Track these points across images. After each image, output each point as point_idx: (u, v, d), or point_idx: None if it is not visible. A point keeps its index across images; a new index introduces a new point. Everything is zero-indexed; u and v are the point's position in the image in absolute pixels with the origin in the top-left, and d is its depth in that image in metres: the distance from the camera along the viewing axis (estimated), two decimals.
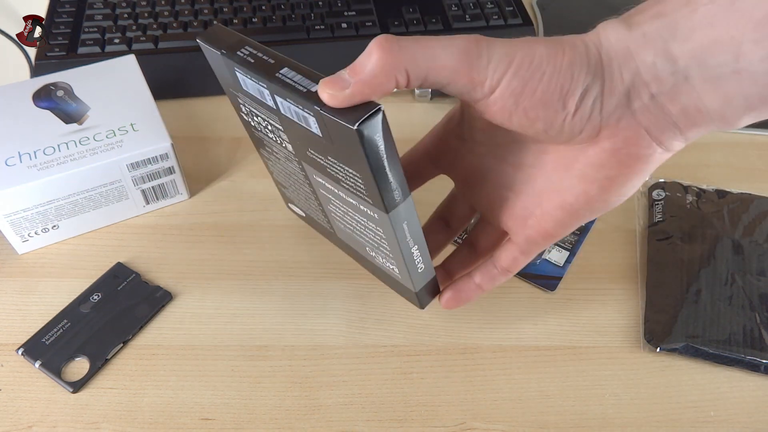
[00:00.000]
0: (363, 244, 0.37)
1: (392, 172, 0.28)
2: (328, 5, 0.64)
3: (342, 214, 0.35)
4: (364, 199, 0.30)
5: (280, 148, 0.35)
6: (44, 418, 0.38)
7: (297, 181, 0.38)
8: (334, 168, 0.30)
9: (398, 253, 0.33)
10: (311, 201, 0.39)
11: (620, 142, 0.28)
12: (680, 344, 0.41)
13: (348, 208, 0.34)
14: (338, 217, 0.37)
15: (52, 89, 0.49)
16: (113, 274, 0.45)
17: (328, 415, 0.39)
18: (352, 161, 0.28)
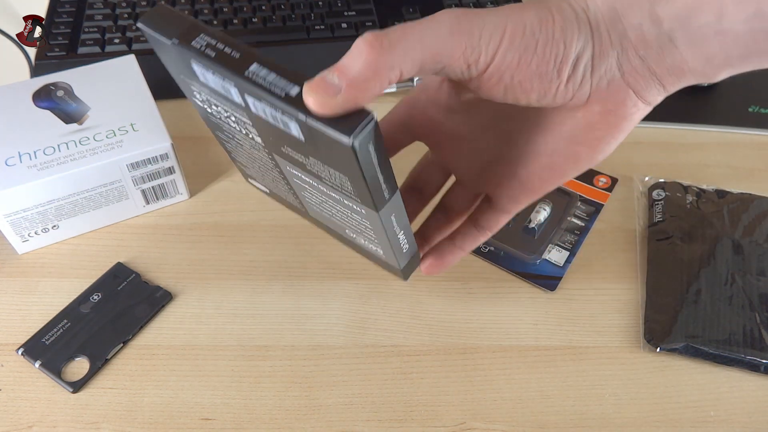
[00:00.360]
0: (342, 227, 0.36)
1: (383, 175, 0.27)
2: (328, 5, 0.64)
3: (319, 202, 0.34)
4: (351, 197, 0.29)
5: (245, 138, 0.32)
6: (44, 418, 0.38)
7: (263, 166, 0.35)
8: (316, 167, 0.28)
9: (385, 241, 0.33)
10: (279, 183, 0.36)
11: (610, 104, 0.29)
12: (680, 344, 0.41)
13: (328, 199, 0.32)
14: (314, 203, 0.35)
15: (52, 89, 0.49)
16: (113, 274, 0.45)
17: (328, 415, 0.39)
18: (340, 167, 0.26)
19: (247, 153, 0.35)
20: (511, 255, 0.46)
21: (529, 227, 0.48)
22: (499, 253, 0.47)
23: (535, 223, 0.48)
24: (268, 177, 0.37)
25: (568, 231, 0.48)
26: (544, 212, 0.49)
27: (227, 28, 0.61)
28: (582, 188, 0.51)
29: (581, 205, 0.50)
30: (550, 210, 0.49)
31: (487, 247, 0.47)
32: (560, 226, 0.48)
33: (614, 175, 0.52)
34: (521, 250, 0.47)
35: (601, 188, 0.51)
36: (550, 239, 0.47)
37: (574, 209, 0.49)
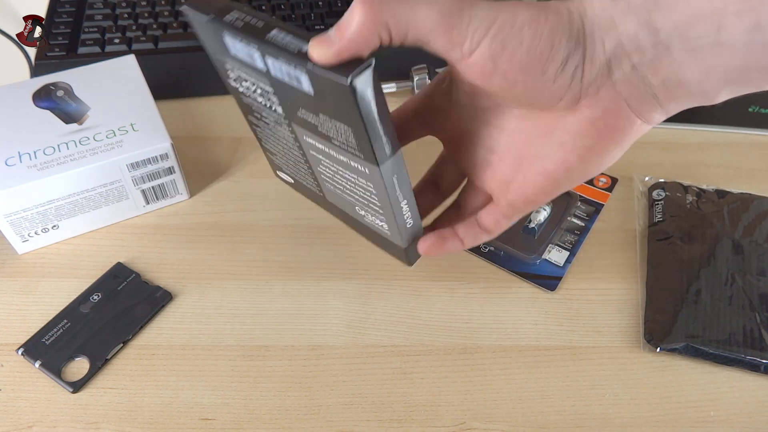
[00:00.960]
0: (352, 203, 0.37)
1: (383, 126, 0.28)
2: (328, 5, 0.64)
3: (332, 174, 0.35)
4: (355, 154, 0.31)
5: (270, 112, 0.35)
6: (44, 418, 0.38)
7: (286, 145, 0.37)
8: (325, 126, 0.31)
9: (388, 208, 0.33)
10: (300, 165, 0.38)
11: (599, 111, 0.29)
12: (680, 344, 0.41)
13: (338, 166, 0.34)
14: (327, 178, 0.36)
15: (52, 89, 0.49)
16: (113, 274, 0.45)
17: (328, 415, 0.39)
18: (344, 116, 0.28)
19: (273, 134, 0.37)
20: (511, 255, 0.46)
21: (529, 227, 0.48)
22: (499, 253, 0.47)
23: (535, 223, 0.48)
24: (290, 159, 0.39)
25: (568, 231, 0.48)
26: (544, 212, 0.49)
27: None
28: (582, 188, 0.51)
29: (581, 205, 0.50)
30: (550, 210, 0.49)
31: (487, 247, 0.47)
32: (560, 226, 0.48)
33: (614, 175, 0.52)
34: (521, 250, 0.47)
35: (601, 188, 0.51)
36: (550, 239, 0.47)
37: (574, 209, 0.49)
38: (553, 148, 0.31)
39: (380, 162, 0.30)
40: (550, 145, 0.31)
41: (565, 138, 0.30)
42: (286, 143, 0.37)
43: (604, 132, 0.29)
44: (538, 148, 0.32)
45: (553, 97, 0.29)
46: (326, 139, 0.32)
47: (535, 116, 0.32)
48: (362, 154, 0.30)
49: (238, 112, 0.58)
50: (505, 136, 0.34)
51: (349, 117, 0.28)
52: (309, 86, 0.28)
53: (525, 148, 0.33)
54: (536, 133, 0.32)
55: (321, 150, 0.34)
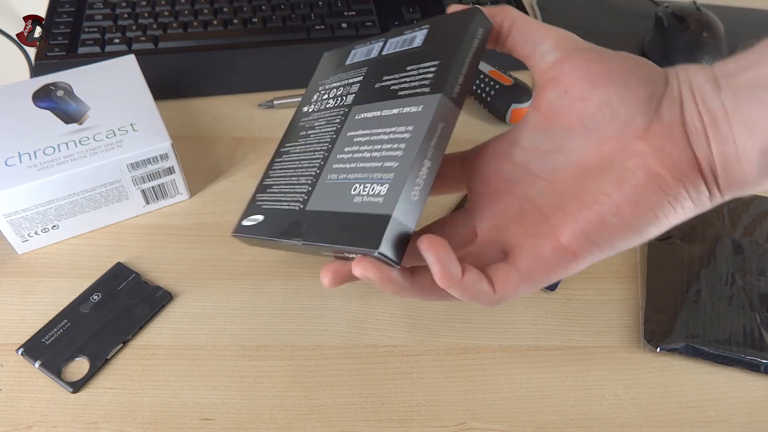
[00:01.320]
0: (354, 180, 0.34)
1: (469, 65, 0.33)
2: (328, 5, 0.64)
3: (358, 146, 0.35)
4: (420, 92, 0.34)
5: (324, 125, 0.39)
6: (44, 418, 0.38)
7: (304, 153, 0.40)
8: (403, 77, 0.35)
9: (407, 163, 0.31)
10: (302, 171, 0.39)
11: (656, 148, 0.30)
12: (680, 344, 0.41)
13: (378, 128, 0.35)
14: (345, 157, 0.36)
15: (52, 89, 0.49)
16: (113, 274, 0.45)
17: (328, 415, 0.39)
18: (438, 52, 0.34)
19: (298, 156, 0.40)
20: None
21: None
22: None
23: None
24: (293, 174, 0.40)
25: None
26: None
27: (227, 28, 0.61)
28: None
29: None
30: None
31: None
32: None
33: None
34: None
35: None
36: None
37: None
38: (611, 181, 0.30)
39: (445, 93, 0.32)
40: (607, 179, 0.30)
41: (623, 168, 0.30)
42: (304, 159, 0.39)
43: (668, 161, 0.30)
44: (595, 186, 0.31)
45: (633, 114, 0.31)
46: (389, 96, 0.35)
47: (590, 154, 0.32)
48: (432, 85, 0.33)
49: (238, 112, 0.58)
50: (553, 184, 0.33)
51: (445, 49, 0.34)
52: (420, 40, 0.36)
53: (581, 189, 0.31)
54: (586, 176, 0.31)
55: (368, 120, 0.36)
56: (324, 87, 0.42)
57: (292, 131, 0.43)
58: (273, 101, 0.58)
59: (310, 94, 0.43)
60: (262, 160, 0.53)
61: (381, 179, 0.33)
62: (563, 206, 0.31)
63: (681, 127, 0.30)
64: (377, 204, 0.32)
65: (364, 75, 0.39)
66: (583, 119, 0.32)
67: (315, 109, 0.41)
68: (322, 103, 0.41)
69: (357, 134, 0.36)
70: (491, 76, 0.56)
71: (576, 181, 0.32)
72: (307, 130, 0.41)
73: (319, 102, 0.41)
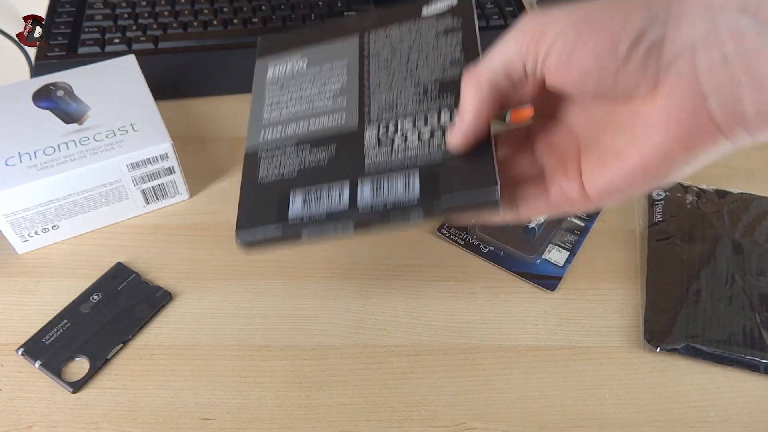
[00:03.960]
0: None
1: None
2: (328, 5, 0.64)
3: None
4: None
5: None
6: (44, 418, 0.38)
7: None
8: None
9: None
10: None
11: (673, 102, 0.26)
12: (680, 344, 0.41)
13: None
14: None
15: (52, 89, 0.49)
16: (113, 274, 0.45)
17: (328, 415, 0.39)
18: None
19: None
20: (511, 255, 0.46)
21: (529, 227, 0.48)
22: (499, 253, 0.47)
23: (535, 223, 0.48)
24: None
25: (568, 231, 0.48)
26: None
27: (227, 28, 0.61)
28: None
29: None
30: None
31: (487, 247, 0.47)
32: (560, 225, 0.48)
33: None
34: (521, 250, 0.47)
35: None
36: (550, 239, 0.47)
37: None
38: (622, 142, 0.29)
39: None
40: (620, 138, 0.29)
41: (634, 130, 0.28)
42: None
43: (673, 129, 0.26)
44: (611, 140, 0.30)
45: (629, 83, 0.27)
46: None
47: (613, 105, 0.30)
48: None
49: (238, 112, 0.58)
50: (586, 120, 0.32)
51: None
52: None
53: (601, 137, 0.31)
54: (613, 123, 0.30)
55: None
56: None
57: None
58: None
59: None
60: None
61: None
62: (595, 149, 0.31)
63: (694, 78, 0.25)
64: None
65: None
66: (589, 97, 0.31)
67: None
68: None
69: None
70: None
71: (606, 129, 0.31)
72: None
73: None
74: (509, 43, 0.29)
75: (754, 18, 0.24)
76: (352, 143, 0.35)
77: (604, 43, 0.26)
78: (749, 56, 0.24)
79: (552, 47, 0.28)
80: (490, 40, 0.33)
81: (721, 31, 0.24)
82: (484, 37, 0.63)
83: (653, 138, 0.27)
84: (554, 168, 0.33)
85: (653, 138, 0.27)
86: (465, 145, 0.32)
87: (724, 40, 0.24)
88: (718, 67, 0.24)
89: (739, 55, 0.24)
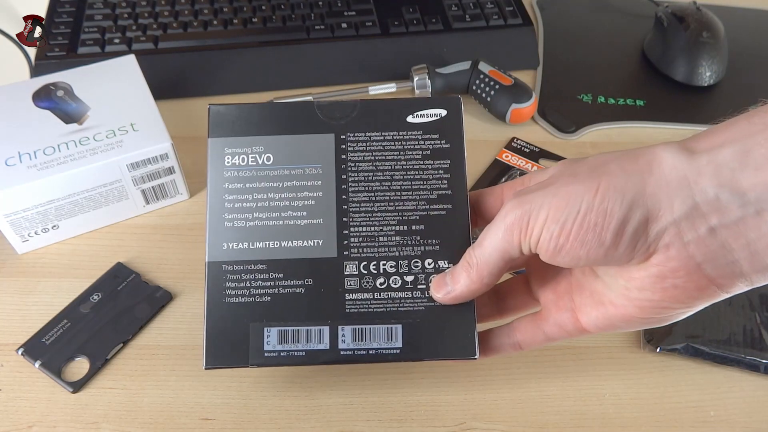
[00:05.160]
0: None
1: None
2: (328, 5, 0.64)
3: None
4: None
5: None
6: (44, 418, 0.38)
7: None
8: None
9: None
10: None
11: (667, 270, 0.27)
12: (680, 344, 0.41)
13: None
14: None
15: (52, 89, 0.49)
16: (113, 274, 0.45)
17: (328, 415, 0.39)
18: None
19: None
20: None
21: None
22: None
23: None
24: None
25: None
26: None
27: (227, 28, 0.61)
28: None
29: None
30: None
31: None
32: None
33: None
34: None
35: None
36: None
37: None
38: (616, 294, 0.30)
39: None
40: (614, 289, 0.30)
41: (629, 287, 0.29)
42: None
43: (671, 292, 0.28)
44: (603, 289, 0.31)
45: (620, 259, 0.28)
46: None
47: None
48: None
49: None
50: (578, 270, 0.33)
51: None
52: None
53: (593, 283, 0.32)
54: (604, 274, 0.31)
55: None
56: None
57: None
58: (273, 101, 0.58)
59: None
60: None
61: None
62: (589, 292, 0.32)
63: (684, 250, 0.26)
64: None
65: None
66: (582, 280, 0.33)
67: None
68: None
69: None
70: (491, 76, 0.56)
71: (598, 280, 0.32)
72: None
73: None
74: (500, 235, 0.30)
75: (732, 191, 0.25)
76: (330, 276, 0.33)
77: (587, 232, 0.27)
78: (737, 226, 0.25)
79: (541, 237, 0.29)
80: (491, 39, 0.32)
81: (702, 206, 0.25)
82: (484, 40, 0.62)
83: (650, 297, 0.28)
84: (549, 303, 0.34)
85: (650, 297, 0.28)
86: (448, 303, 0.33)
87: (706, 213, 0.25)
88: (706, 239, 0.26)
89: (725, 226, 0.25)
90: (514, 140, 0.55)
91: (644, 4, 0.68)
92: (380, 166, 0.34)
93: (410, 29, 0.62)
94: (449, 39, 0.61)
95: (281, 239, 0.34)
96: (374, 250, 0.34)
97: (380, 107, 0.35)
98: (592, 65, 0.63)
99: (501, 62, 0.58)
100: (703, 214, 0.26)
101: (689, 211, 0.26)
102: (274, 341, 0.33)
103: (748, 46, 0.65)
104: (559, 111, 0.58)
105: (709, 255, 0.26)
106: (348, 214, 0.34)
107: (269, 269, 0.33)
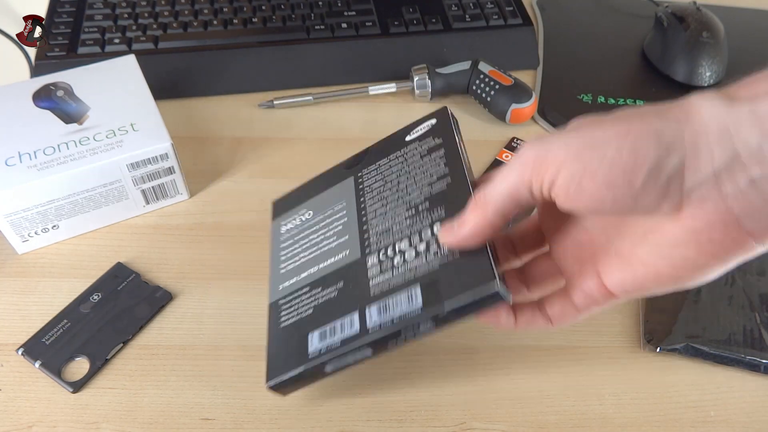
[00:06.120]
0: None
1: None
2: (328, 5, 0.64)
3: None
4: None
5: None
6: (44, 418, 0.38)
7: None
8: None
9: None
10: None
11: (703, 224, 0.26)
12: (680, 344, 0.41)
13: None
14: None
15: (52, 89, 0.49)
16: (113, 274, 0.45)
17: (328, 415, 0.39)
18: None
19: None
20: None
21: None
22: None
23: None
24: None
25: None
26: None
27: (227, 28, 0.61)
28: None
29: None
30: None
31: None
32: None
33: None
34: None
35: None
36: None
37: None
38: (645, 252, 0.29)
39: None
40: (643, 248, 0.29)
41: (660, 244, 0.28)
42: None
43: (706, 247, 0.26)
44: (631, 247, 0.29)
45: (649, 206, 0.26)
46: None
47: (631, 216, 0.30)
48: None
49: (238, 112, 0.58)
50: (601, 225, 0.32)
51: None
52: None
53: (619, 243, 0.30)
54: (633, 232, 0.30)
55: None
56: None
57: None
58: (273, 101, 0.58)
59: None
60: (262, 160, 0.53)
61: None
62: (615, 254, 0.31)
63: (722, 203, 0.25)
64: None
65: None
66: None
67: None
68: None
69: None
70: (491, 76, 0.56)
71: (625, 236, 0.30)
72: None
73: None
74: (512, 173, 0.29)
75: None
76: (357, 273, 0.36)
77: (617, 175, 0.26)
78: None
79: (558, 175, 0.27)
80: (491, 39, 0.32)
81: (743, 157, 0.24)
82: (484, 40, 0.63)
83: (684, 253, 0.27)
84: (572, 271, 0.33)
85: (684, 253, 0.27)
86: (458, 247, 0.33)
87: (747, 164, 0.24)
88: (746, 191, 0.25)
89: (766, 177, 0.24)
90: (514, 140, 0.55)
91: (644, 4, 0.68)
92: (388, 178, 0.39)
93: (410, 29, 0.62)
94: (449, 39, 0.61)
95: (319, 264, 0.38)
96: (389, 238, 0.36)
97: (386, 142, 0.41)
98: (592, 65, 0.63)
99: (501, 62, 0.58)
100: (744, 165, 0.24)
101: (730, 161, 0.25)
102: (315, 342, 0.35)
103: (748, 46, 0.65)
104: (559, 111, 0.58)
105: (749, 208, 0.25)
106: (367, 222, 0.38)
107: (311, 288, 0.38)
